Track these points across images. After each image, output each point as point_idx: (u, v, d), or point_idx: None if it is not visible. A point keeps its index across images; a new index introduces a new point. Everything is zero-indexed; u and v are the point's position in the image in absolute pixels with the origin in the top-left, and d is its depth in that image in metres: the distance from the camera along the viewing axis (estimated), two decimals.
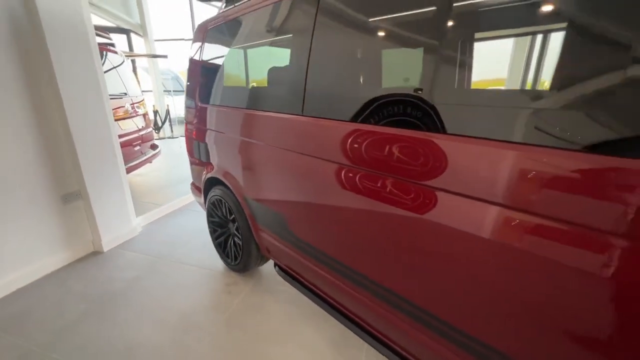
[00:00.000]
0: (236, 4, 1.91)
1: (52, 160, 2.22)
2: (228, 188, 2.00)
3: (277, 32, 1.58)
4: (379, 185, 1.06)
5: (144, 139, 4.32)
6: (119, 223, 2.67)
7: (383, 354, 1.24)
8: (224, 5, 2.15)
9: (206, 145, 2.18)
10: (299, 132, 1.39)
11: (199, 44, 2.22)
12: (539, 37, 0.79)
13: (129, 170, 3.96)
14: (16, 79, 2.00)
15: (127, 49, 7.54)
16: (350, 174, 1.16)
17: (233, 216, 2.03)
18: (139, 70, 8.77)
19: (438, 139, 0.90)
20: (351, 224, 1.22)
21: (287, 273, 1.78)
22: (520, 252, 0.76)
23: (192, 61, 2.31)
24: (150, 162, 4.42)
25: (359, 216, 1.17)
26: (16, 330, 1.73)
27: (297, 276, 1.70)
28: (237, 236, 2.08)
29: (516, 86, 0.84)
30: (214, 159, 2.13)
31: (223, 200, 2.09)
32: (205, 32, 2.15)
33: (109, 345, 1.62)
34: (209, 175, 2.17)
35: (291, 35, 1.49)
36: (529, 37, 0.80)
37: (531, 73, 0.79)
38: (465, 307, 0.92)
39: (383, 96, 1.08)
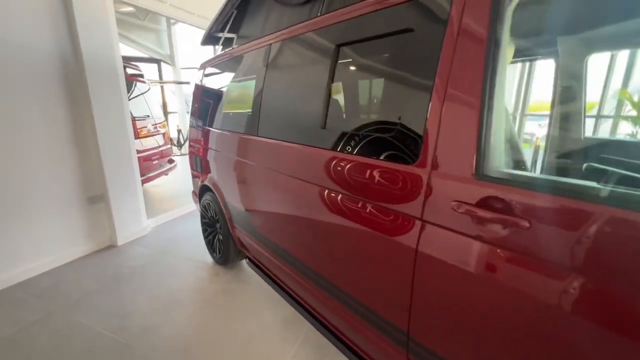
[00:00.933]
0: (226, 50, 2.46)
1: (83, 168, 2.82)
2: (215, 194, 2.47)
3: (243, 73, 2.08)
4: (308, 190, 1.45)
5: (162, 155, 4.98)
6: (132, 223, 3.21)
7: (318, 330, 1.55)
8: (221, 48, 2.72)
9: (201, 158, 2.69)
10: (255, 149, 1.85)
11: (200, 77, 2.79)
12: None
13: (147, 180, 4.60)
14: (64, 104, 2.64)
15: (157, 76, 8.54)
16: (291, 182, 1.56)
17: (218, 217, 2.49)
18: (167, 94, 9.77)
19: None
20: (297, 222, 1.57)
21: (254, 263, 2.19)
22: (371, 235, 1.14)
23: (196, 87, 2.87)
24: (167, 175, 5.05)
25: (301, 215, 1.53)
26: (46, 298, 2.24)
27: (261, 265, 2.11)
28: (220, 233, 2.53)
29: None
30: (206, 170, 2.63)
31: (211, 204, 2.56)
32: (204, 69, 2.72)
33: (111, 311, 2.09)
34: (203, 183, 2.66)
35: (251, 76, 1.97)
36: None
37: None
38: (366, 285, 1.24)
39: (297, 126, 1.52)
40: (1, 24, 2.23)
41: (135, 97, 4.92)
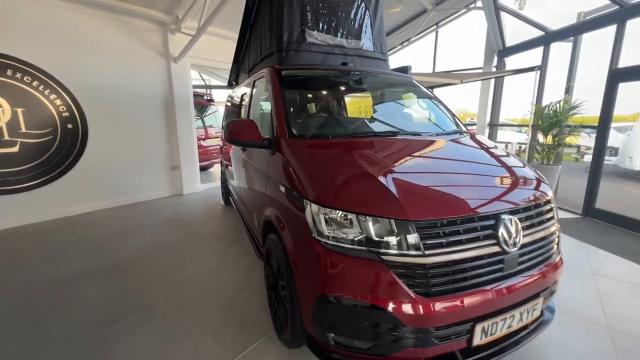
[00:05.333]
0: (235, 90, 4.75)
1: (170, 150, 5.49)
2: (223, 165, 4.75)
3: (237, 103, 4.31)
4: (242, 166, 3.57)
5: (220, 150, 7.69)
6: (192, 184, 5.79)
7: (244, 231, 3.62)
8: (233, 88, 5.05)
9: (221, 147, 5.03)
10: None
11: (227, 102, 5.16)
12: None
13: (211, 165, 7.37)
14: (162, 118, 5.35)
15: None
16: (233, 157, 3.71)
17: (223, 177, 4.76)
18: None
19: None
20: (240, 175, 3.71)
21: (231, 197, 4.34)
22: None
23: (224, 107, 5.26)
24: None
25: (240, 173, 3.67)
26: (148, 207, 4.84)
27: (232, 196, 4.24)
28: (226, 186, 4.79)
29: None
30: (223, 154, 4.94)
31: (223, 170, 4.85)
32: (228, 97, 5.07)
33: (173, 213, 4.52)
34: (221, 160, 4.99)
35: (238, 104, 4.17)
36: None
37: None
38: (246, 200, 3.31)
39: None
40: (144, 83, 5.02)
41: (209, 114, 7.80)
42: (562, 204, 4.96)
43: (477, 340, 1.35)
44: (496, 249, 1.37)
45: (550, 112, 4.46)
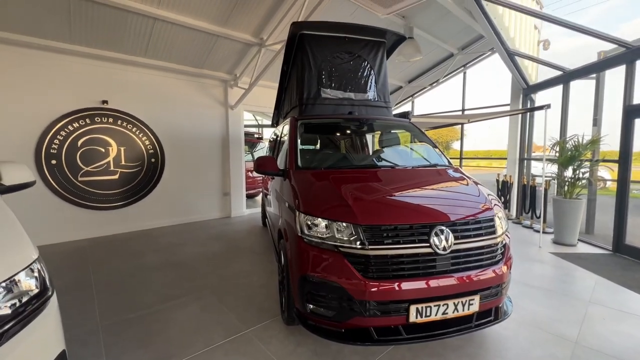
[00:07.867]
0: (275, 130, 5.79)
1: (223, 179, 6.65)
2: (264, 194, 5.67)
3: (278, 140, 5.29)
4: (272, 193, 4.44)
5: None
6: (238, 208, 6.81)
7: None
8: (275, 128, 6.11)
9: (263, 178, 5.99)
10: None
11: (270, 138, 6.21)
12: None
13: (257, 194, 8.45)
14: (219, 153, 6.58)
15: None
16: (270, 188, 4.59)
17: (263, 203, 5.65)
18: None
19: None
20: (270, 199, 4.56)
21: (265, 218, 5.16)
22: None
23: (270, 139, 6.31)
24: None
25: (270, 197, 4.53)
26: (202, 226, 5.90)
27: (267, 217, 5.06)
28: (264, 210, 5.65)
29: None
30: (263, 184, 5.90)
31: (263, 198, 5.76)
32: (271, 135, 6.13)
33: (221, 231, 5.48)
34: (262, 190, 5.94)
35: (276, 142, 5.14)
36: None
37: None
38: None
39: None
40: (207, 126, 6.36)
41: (258, 150, 9.09)
42: (596, 240, 4.79)
43: (413, 318, 1.82)
44: (429, 250, 1.86)
45: (568, 146, 4.57)
